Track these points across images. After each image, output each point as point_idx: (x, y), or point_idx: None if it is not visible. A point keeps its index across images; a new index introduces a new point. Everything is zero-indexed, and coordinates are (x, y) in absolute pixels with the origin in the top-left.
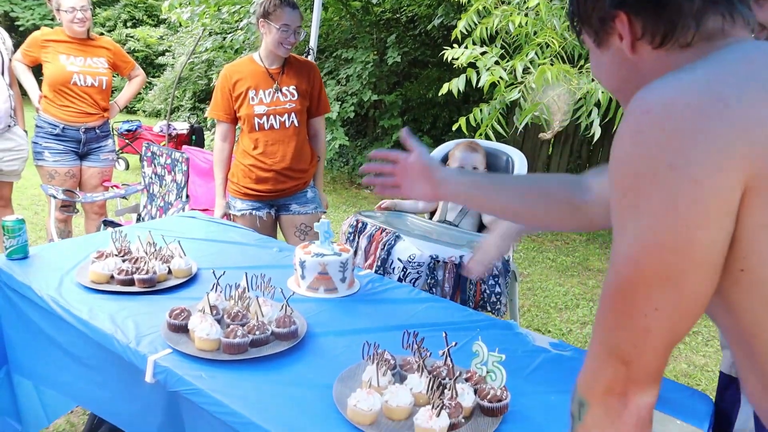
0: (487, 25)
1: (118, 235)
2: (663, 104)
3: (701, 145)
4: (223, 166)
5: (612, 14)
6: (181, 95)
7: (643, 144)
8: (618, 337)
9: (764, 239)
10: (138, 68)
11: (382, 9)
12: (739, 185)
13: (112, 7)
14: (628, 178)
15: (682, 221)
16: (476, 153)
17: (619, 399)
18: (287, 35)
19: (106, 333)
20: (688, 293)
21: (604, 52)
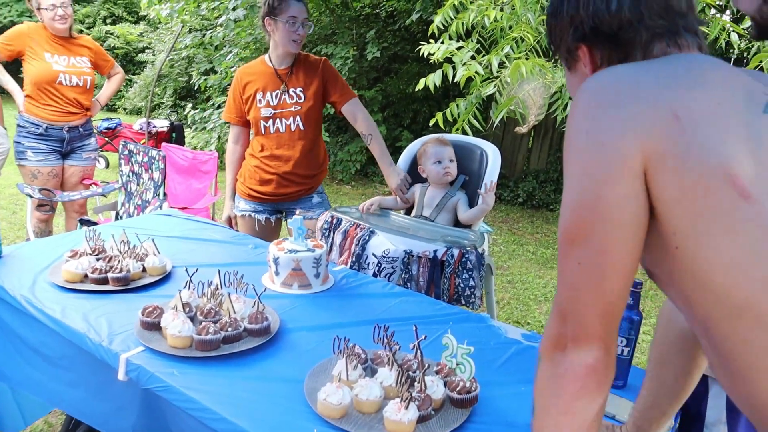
0: (462, 20)
1: (92, 233)
2: (593, 86)
3: (610, 115)
4: (234, 168)
5: (575, 46)
6: (162, 92)
7: (574, 117)
8: (559, 293)
9: (682, 214)
10: (117, 66)
11: (361, 4)
12: (639, 153)
13: (92, 4)
14: (564, 148)
15: (591, 179)
16: (447, 147)
17: (561, 353)
18: (295, 28)
19: (78, 332)
20: (601, 249)
21: (574, 74)
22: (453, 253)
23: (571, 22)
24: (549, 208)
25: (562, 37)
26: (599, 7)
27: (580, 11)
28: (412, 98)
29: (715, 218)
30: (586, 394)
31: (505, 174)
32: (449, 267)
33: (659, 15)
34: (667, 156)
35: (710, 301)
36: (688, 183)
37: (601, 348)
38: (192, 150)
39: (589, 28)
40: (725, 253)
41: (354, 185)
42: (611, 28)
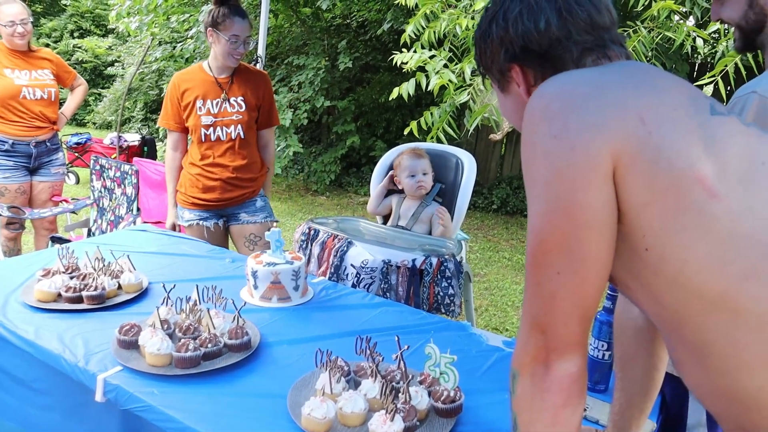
0: (434, 29)
1: (65, 251)
2: (553, 90)
3: (578, 118)
4: (174, 176)
5: (507, 66)
6: (132, 106)
7: (535, 123)
8: (534, 306)
9: (652, 216)
10: (80, 77)
11: (332, 15)
12: (609, 155)
13: (58, 17)
14: (525, 155)
15: (564, 185)
16: (423, 159)
17: (543, 367)
18: (236, 46)
19: (53, 353)
20: (580, 255)
21: (507, 96)
22: (431, 261)
23: (501, 43)
24: (523, 214)
25: (493, 58)
26: (528, 27)
27: (509, 32)
28: (384, 107)
29: (687, 218)
30: (571, 402)
31: (479, 181)
32: (428, 276)
33: (585, 30)
34: (637, 159)
35: (683, 299)
36: (659, 185)
37: (581, 353)
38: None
39: (519, 48)
40: (698, 251)
41: (329, 196)
42: (541, 46)
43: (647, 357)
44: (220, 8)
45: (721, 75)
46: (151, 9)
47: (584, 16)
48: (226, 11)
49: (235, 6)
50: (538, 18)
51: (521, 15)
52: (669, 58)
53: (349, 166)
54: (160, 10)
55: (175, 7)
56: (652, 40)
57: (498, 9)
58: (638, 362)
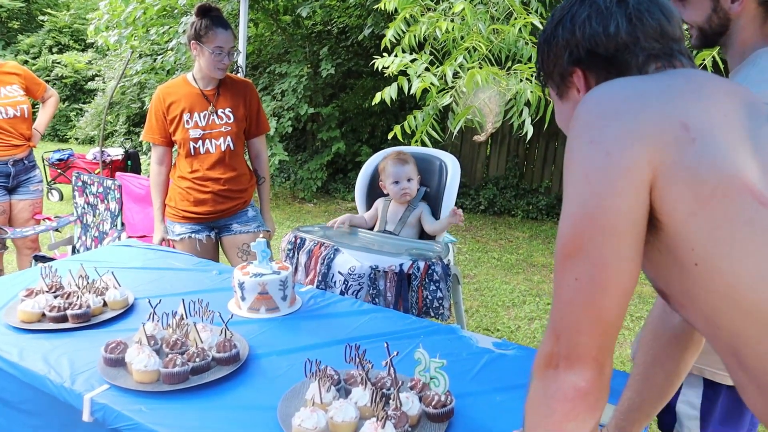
0: (414, 33)
1: (48, 270)
2: (596, 96)
3: (616, 125)
4: (161, 190)
5: (570, 70)
6: (115, 120)
7: (576, 126)
8: (554, 310)
9: (699, 227)
10: (50, 89)
11: (312, 22)
12: (647, 164)
13: (36, 33)
14: (566, 158)
15: (594, 189)
16: (407, 165)
17: (553, 373)
18: (221, 58)
19: (38, 374)
20: (600, 263)
21: (566, 103)
22: (419, 265)
23: (566, 46)
24: (511, 214)
25: (556, 62)
26: (596, 30)
27: (576, 34)
28: (369, 112)
29: (736, 228)
30: (576, 416)
31: (465, 182)
32: (416, 280)
33: (654, 39)
34: (678, 167)
35: (738, 319)
36: (704, 194)
37: (595, 369)
38: (148, 177)
39: (584, 51)
40: (752, 264)
41: (316, 203)
42: (608, 50)
43: (674, 365)
44: (202, 20)
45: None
46: (129, 22)
47: (654, 23)
48: (208, 23)
49: (217, 17)
50: (608, 22)
51: (590, 18)
52: None
53: (335, 172)
54: (139, 23)
55: (154, 19)
56: None
57: (566, 13)
58: (664, 369)
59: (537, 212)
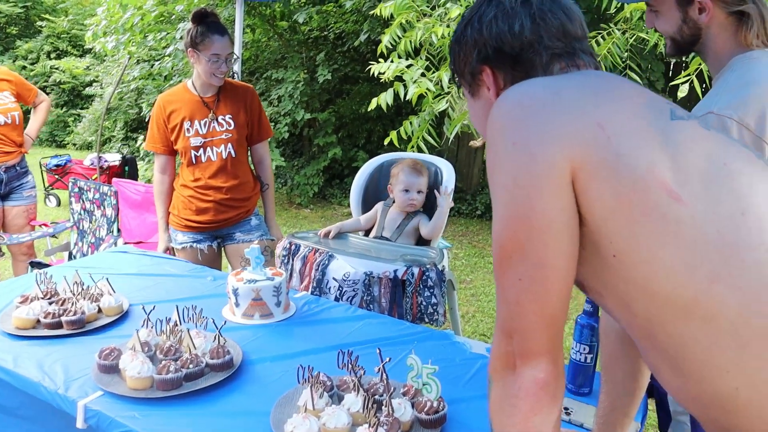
0: (410, 38)
1: (44, 276)
2: (512, 98)
3: (537, 126)
4: (164, 199)
5: (479, 68)
6: (112, 126)
7: (496, 130)
8: (501, 311)
9: (618, 222)
10: (41, 93)
11: (309, 27)
12: (567, 163)
13: (34, 39)
14: (489, 162)
15: (523, 191)
16: (421, 177)
17: (512, 372)
18: (218, 65)
19: (32, 381)
20: (539, 262)
21: (477, 101)
22: (413, 271)
23: (475, 45)
24: None
25: (466, 61)
26: (502, 29)
27: (483, 33)
28: (365, 118)
29: (652, 223)
30: (541, 408)
31: (462, 188)
32: (410, 286)
33: (557, 37)
34: (598, 166)
35: (654, 306)
36: (623, 191)
37: (550, 361)
38: (145, 183)
39: (492, 50)
40: (665, 256)
41: (313, 208)
42: (513, 48)
43: (631, 360)
44: (198, 27)
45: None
46: (127, 28)
47: (557, 23)
48: (203, 30)
49: (214, 23)
50: (513, 21)
51: (496, 18)
52: (644, 58)
53: (332, 177)
54: (136, 29)
55: (151, 25)
56: (626, 42)
57: (474, 14)
58: (622, 365)
59: None
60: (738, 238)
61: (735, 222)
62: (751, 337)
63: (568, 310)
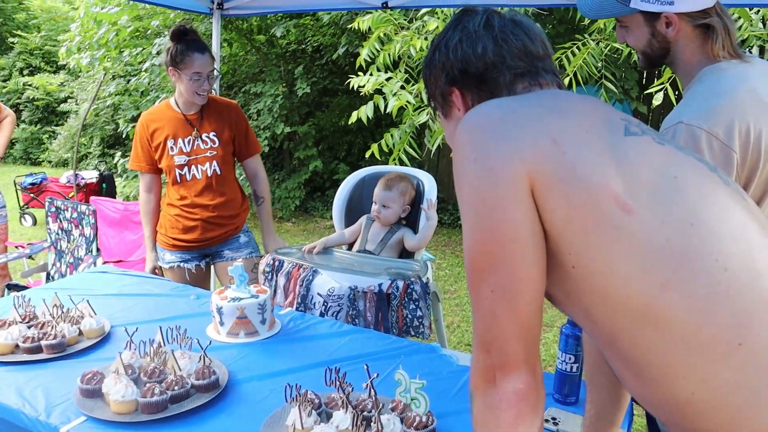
0: (389, 51)
1: (21, 300)
2: (474, 117)
3: (494, 141)
4: (151, 218)
5: (448, 90)
6: (89, 142)
7: (459, 147)
8: (477, 325)
9: (573, 233)
10: (6, 108)
11: (287, 41)
12: (525, 175)
13: (6, 55)
14: (455, 178)
15: (486, 205)
16: (390, 191)
17: (492, 386)
18: (200, 83)
19: (11, 408)
20: (508, 272)
21: (450, 122)
22: (398, 285)
23: (443, 68)
24: None
25: (436, 84)
26: (466, 51)
27: (449, 57)
28: (345, 130)
29: (605, 234)
30: (523, 419)
31: (444, 198)
32: (395, 299)
33: (519, 57)
34: (553, 179)
35: (612, 313)
36: (576, 203)
37: (528, 372)
38: (123, 201)
39: (458, 72)
40: (619, 265)
41: (295, 222)
42: (477, 69)
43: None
44: (177, 45)
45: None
46: (102, 44)
47: (518, 44)
48: (183, 48)
49: (193, 41)
50: (476, 44)
51: (461, 42)
52: (618, 67)
53: (313, 190)
54: (111, 45)
55: (127, 41)
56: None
57: (441, 39)
58: (604, 374)
59: None
60: (688, 247)
61: (684, 232)
62: (702, 343)
63: (542, 320)
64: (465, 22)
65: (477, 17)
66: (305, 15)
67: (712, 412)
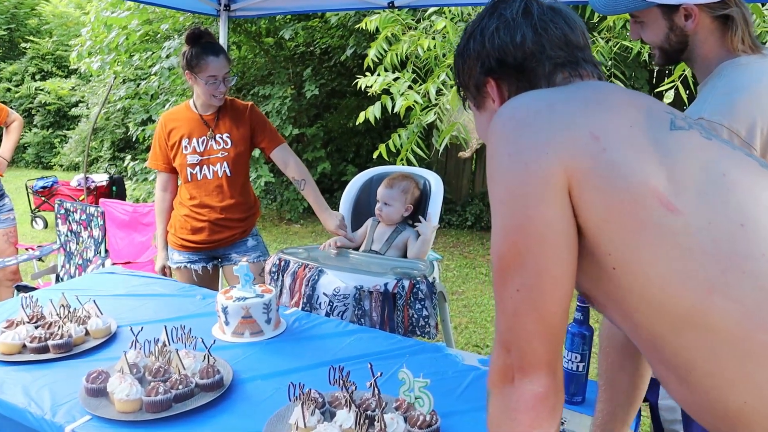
0: (396, 51)
1: (29, 300)
2: (509, 110)
3: (530, 136)
4: (165, 217)
5: (483, 80)
6: (99, 146)
7: (494, 142)
8: (500, 323)
9: (613, 233)
10: (13, 112)
11: (295, 43)
12: (561, 172)
13: (18, 61)
14: (488, 174)
15: (519, 201)
16: (391, 189)
17: (510, 386)
18: (216, 86)
19: (18, 407)
20: (537, 271)
21: (483, 113)
22: (404, 284)
23: (478, 58)
24: None
25: (470, 74)
26: (504, 40)
27: (486, 46)
28: (353, 132)
29: (646, 233)
30: (540, 422)
31: (451, 199)
32: (401, 299)
33: (558, 47)
34: (591, 176)
35: (654, 317)
36: (615, 201)
37: (549, 373)
38: (132, 203)
39: (495, 61)
40: (661, 266)
41: (303, 224)
42: (516, 59)
43: (634, 368)
44: (193, 49)
45: (680, 79)
46: (112, 48)
47: (559, 33)
48: (198, 51)
49: (208, 44)
50: (515, 33)
51: (498, 30)
52: (628, 66)
53: (321, 192)
54: (121, 49)
55: (136, 44)
56: (610, 50)
57: (476, 27)
58: (625, 373)
59: None
60: (736, 249)
61: (733, 232)
62: (754, 350)
63: (567, 323)
64: (502, 9)
65: (515, 4)
66: (313, 17)
67: (765, 423)
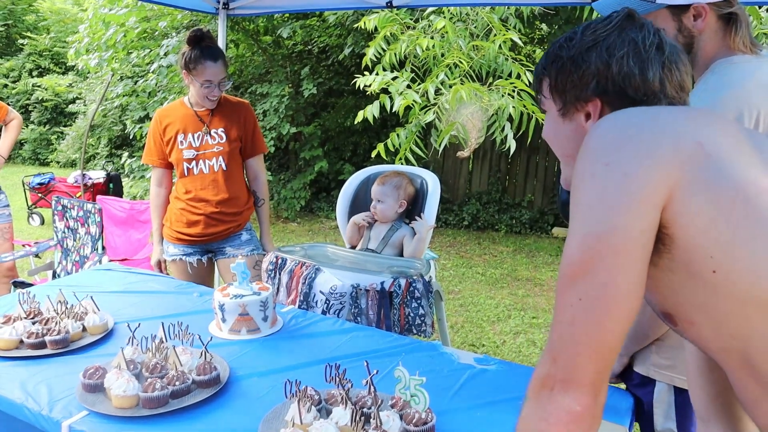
0: (395, 51)
1: (26, 296)
2: (608, 123)
3: (632, 147)
4: (159, 212)
5: (590, 97)
6: (96, 143)
7: (588, 152)
8: (553, 332)
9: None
10: (12, 111)
11: (293, 42)
12: (664, 186)
13: (15, 57)
14: (574, 183)
15: (608, 209)
16: (383, 186)
17: (548, 395)
18: (211, 90)
19: (15, 402)
20: (605, 281)
21: (566, 122)
22: (400, 283)
23: (596, 75)
24: (494, 228)
25: (577, 84)
26: (632, 71)
27: (611, 68)
28: (351, 131)
29: (755, 231)
30: None
31: (448, 198)
32: (398, 297)
33: (675, 89)
34: (697, 181)
35: (756, 319)
36: (725, 199)
37: (590, 394)
38: (129, 200)
39: (615, 87)
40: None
41: (300, 222)
42: (638, 93)
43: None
44: (192, 51)
45: None
46: (110, 45)
47: (678, 75)
48: (197, 54)
49: (208, 47)
50: (646, 66)
51: (628, 57)
52: None
53: (318, 191)
54: (119, 46)
55: (134, 42)
56: None
57: (600, 40)
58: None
59: (520, 226)
60: None
61: None
62: None
63: (621, 347)
64: (633, 34)
65: (648, 34)
66: (311, 16)
67: None
